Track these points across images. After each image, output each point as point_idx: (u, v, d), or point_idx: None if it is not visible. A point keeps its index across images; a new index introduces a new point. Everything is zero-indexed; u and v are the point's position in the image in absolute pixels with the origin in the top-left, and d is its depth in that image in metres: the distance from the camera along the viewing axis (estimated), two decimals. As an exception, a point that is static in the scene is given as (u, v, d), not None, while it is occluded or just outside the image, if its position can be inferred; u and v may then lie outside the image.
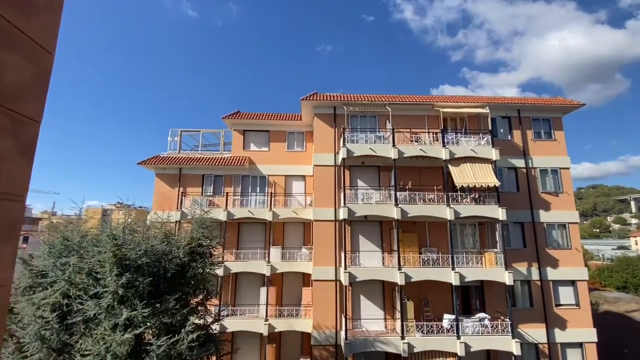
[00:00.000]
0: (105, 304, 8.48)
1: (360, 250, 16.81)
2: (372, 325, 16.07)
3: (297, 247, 19.05)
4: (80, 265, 9.01)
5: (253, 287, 18.55)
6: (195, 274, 10.60)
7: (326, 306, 16.32)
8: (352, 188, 17.23)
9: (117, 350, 7.94)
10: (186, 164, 19.95)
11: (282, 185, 20.02)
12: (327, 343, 15.98)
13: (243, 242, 19.37)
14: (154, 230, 10.97)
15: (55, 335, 8.22)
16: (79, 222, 11.04)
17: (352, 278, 15.14)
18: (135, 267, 9.15)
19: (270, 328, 16.83)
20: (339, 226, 16.90)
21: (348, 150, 16.21)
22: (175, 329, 9.10)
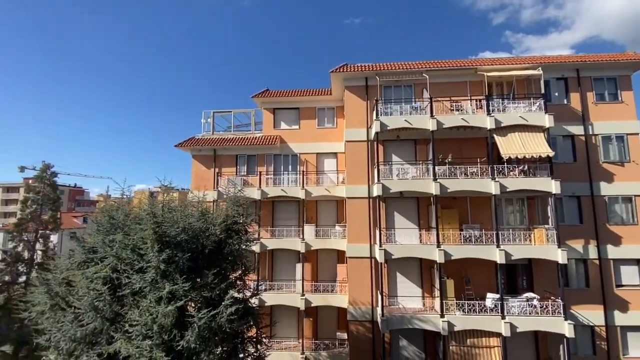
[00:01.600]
0: (149, 278, 8.88)
1: (395, 227, 16.28)
2: (409, 303, 15.74)
3: (331, 224, 18.92)
4: (125, 242, 9.48)
5: (289, 264, 18.89)
6: (232, 250, 10.80)
7: (361, 283, 16.20)
8: (387, 163, 16.49)
9: (162, 322, 8.34)
10: (220, 144, 20.26)
11: (314, 163, 19.73)
12: (364, 319, 15.98)
13: (277, 220, 19.61)
14: (191, 208, 11.24)
15: (108, 306, 8.81)
16: (122, 202, 11.59)
17: (388, 255, 14.75)
18: (175, 244, 9.45)
19: (307, 303, 17.15)
20: (373, 203, 16.41)
21: (381, 123, 15.39)
22: (215, 302, 9.39)
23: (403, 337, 15.94)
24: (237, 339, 11.00)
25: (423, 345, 15.87)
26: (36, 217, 28.70)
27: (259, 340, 11.62)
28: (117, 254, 9.31)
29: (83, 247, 10.13)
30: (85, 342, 8.68)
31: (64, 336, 8.69)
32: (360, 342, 15.84)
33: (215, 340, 9.38)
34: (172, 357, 8.28)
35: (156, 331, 8.29)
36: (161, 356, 8.03)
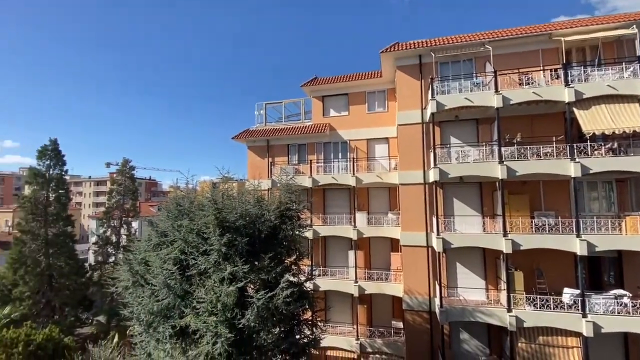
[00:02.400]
0: (213, 260, 9.51)
1: (454, 215, 15.25)
2: (471, 295, 14.76)
3: (383, 212, 18.44)
4: (191, 227, 10.25)
5: (341, 251, 18.95)
6: (286, 235, 11.09)
7: (417, 272, 15.59)
8: (444, 146, 15.41)
9: (225, 300, 8.91)
10: (272, 135, 20.84)
11: (364, 149, 19.28)
12: (420, 309, 15.42)
13: (329, 207, 19.70)
14: (247, 196, 11.75)
15: (178, 284, 9.66)
16: (187, 190, 12.55)
17: (446, 244, 13.91)
18: (234, 229, 9.97)
19: (360, 290, 17.08)
20: (429, 189, 15.53)
21: (438, 103, 14.33)
22: (271, 284, 9.75)
23: (464, 330, 15.09)
24: (294, 321, 11.36)
25: (487, 340, 14.87)
26: (120, 206, 32.81)
27: (314, 323, 11.86)
28: (185, 237, 10.11)
29: (156, 231, 11.20)
30: (161, 316, 9.66)
31: (144, 309, 9.78)
32: (417, 332, 15.36)
33: (273, 320, 9.78)
34: (235, 334, 8.82)
35: (220, 309, 8.88)
36: (225, 332, 8.60)
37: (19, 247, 24.60)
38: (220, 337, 8.56)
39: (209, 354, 8.58)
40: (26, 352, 13.12)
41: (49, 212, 25.95)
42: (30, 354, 13.20)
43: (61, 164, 27.12)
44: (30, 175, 26.34)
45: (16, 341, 13.30)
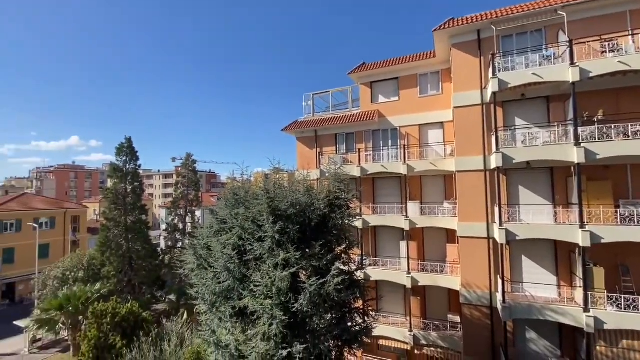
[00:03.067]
0: (267, 246, 9.95)
1: (520, 204, 13.93)
2: (540, 291, 13.47)
3: (438, 201, 17.53)
4: (246, 215, 10.81)
5: (392, 241, 18.53)
6: (336, 224, 11.14)
7: (476, 265, 14.62)
8: (508, 129, 14.05)
9: (279, 285, 9.29)
10: (320, 125, 20.91)
11: (416, 136, 18.40)
12: (480, 304, 14.51)
13: (379, 197, 19.31)
14: (297, 185, 12.02)
15: (237, 268, 10.31)
16: (243, 181, 13.24)
17: (510, 236, 12.79)
18: (286, 217, 10.29)
19: (414, 281, 16.59)
20: (491, 176, 14.35)
21: (500, 81, 13.04)
22: (322, 272, 9.92)
23: (531, 328, 13.88)
24: (345, 309, 11.47)
25: (558, 341, 13.51)
26: (185, 196, 35.89)
27: (365, 312, 11.87)
28: (241, 224, 10.70)
29: (216, 218, 12.04)
30: (222, 297, 10.43)
31: (207, 290, 10.64)
32: (476, 327, 14.52)
33: (325, 307, 9.97)
34: (289, 317, 9.18)
35: (275, 293, 9.29)
36: (280, 315, 8.99)
37: (105, 233, 28.37)
38: (276, 319, 8.97)
39: (266, 334, 9.06)
40: (113, 323, 15.20)
41: (127, 202, 29.38)
42: (116, 324, 15.25)
43: (135, 159, 30.41)
44: (110, 170, 30.02)
45: (105, 313, 15.46)
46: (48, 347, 26.39)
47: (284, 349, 8.99)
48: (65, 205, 47.21)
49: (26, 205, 41.07)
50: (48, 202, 45.98)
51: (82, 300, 22.90)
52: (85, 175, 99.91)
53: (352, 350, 11.47)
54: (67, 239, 43.38)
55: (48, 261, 36.09)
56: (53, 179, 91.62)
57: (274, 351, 8.94)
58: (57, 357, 24.70)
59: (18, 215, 39.04)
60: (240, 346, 9.52)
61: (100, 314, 15.47)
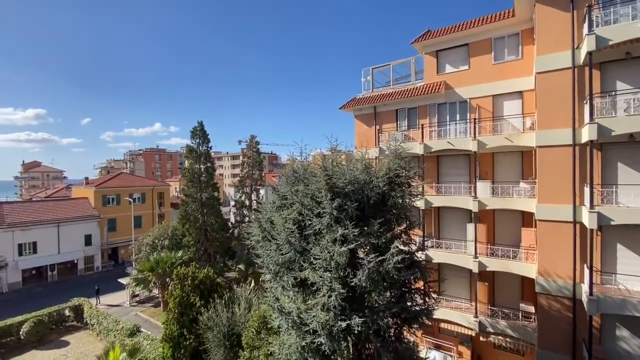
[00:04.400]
0: (326, 222, 10.13)
1: (618, 183, 11.85)
2: (638, 285, 11.53)
3: (514, 180, 15.83)
4: (306, 191, 11.09)
5: (458, 223, 17.45)
6: (395, 202, 10.79)
7: (558, 252, 13.02)
8: (606, 95, 11.83)
9: (338, 259, 9.46)
10: (379, 101, 20.13)
11: (489, 108, 16.60)
12: (560, 294, 13.00)
13: (443, 176, 18.15)
14: (355, 163, 11.87)
15: (297, 241, 10.76)
16: (302, 159, 13.55)
17: (604, 220, 11.03)
18: (344, 194, 10.29)
19: (481, 266, 15.51)
20: (581, 152, 12.39)
21: (599, 38, 10.90)
22: (381, 249, 9.80)
23: (623, 326, 12.10)
24: (405, 288, 11.27)
25: (662, 344, 11.54)
26: (250, 176, 38.33)
27: (426, 293, 11.51)
28: (301, 200, 11.03)
29: (278, 195, 12.61)
30: (285, 267, 11.03)
31: (271, 260, 11.34)
32: (554, 319, 13.13)
33: (384, 284, 9.91)
34: (347, 291, 9.35)
35: (334, 267, 9.50)
36: (338, 287, 9.20)
37: (184, 207, 31.98)
38: (334, 292, 9.21)
39: (325, 305, 9.39)
40: (193, 285, 17.26)
41: (202, 180, 32.50)
42: (195, 286, 17.30)
43: (207, 142, 33.22)
44: (187, 151, 33.32)
45: (186, 276, 17.61)
46: (144, 302, 31.37)
47: (342, 320, 9.24)
48: (153, 183, 54.17)
49: (123, 183, 48.21)
50: (139, 180, 53.29)
51: (168, 264, 26.47)
52: (167, 157, 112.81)
53: (412, 330, 11.31)
54: (155, 212, 50.06)
55: (141, 230, 42.27)
56: (142, 160, 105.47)
57: (334, 321, 9.25)
58: (150, 310, 29.24)
59: (117, 192, 46.11)
60: (301, 314, 10.05)
61: (182, 277, 17.68)
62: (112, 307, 30.11)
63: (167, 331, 16.77)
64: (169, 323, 16.90)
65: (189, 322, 16.44)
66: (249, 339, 14.04)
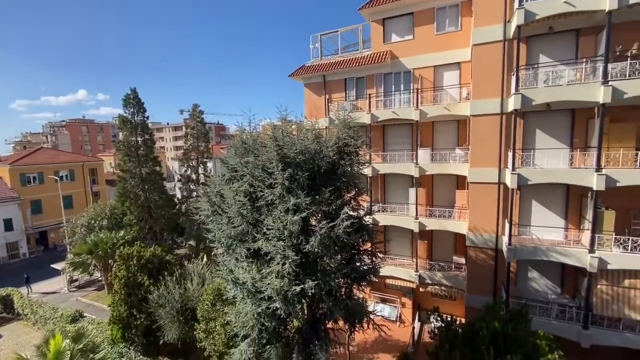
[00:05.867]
0: (278, 193, 10.15)
1: (536, 147, 13.54)
2: (546, 234, 13.70)
3: (450, 147, 17.18)
4: (256, 163, 10.89)
5: (401, 188, 18.67)
6: (345, 171, 11.15)
7: (485, 210, 14.76)
8: (530, 67, 13.10)
9: (291, 228, 9.67)
10: (328, 69, 19.90)
11: (431, 78, 17.40)
12: (485, 246, 14.95)
13: (389, 144, 19.00)
14: (305, 133, 11.84)
15: (250, 213, 10.69)
16: (250, 129, 13.08)
17: (522, 181, 12.66)
18: (295, 164, 10.32)
19: (421, 226, 17.03)
20: (507, 120, 13.77)
21: (527, 12, 11.83)
22: (332, 216, 10.21)
23: (533, 268, 14.42)
24: (354, 250, 12.01)
25: (559, 280, 14.08)
26: (195, 148, 36.19)
27: (373, 253, 12.41)
28: (252, 172, 10.83)
29: (227, 167, 12.19)
30: (237, 240, 10.99)
31: (223, 234, 11.19)
32: (479, 267, 15.16)
33: (335, 248, 10.46)
34: (301, 257, 9.70)
35: (287, 235, 9.71)
36: (292, 255, 9.49)
37: (122, 184, 29.44)
38: (288, 259, 9.50)
39: (280, 272, 9.67)
40: (139, 264, 16.45)
41: (140, 154, 29.90)
42: (142, 265, 16.52)
43: (142, 111, 30.21)
44: (120, 122, 30.08)
45: (131, 256, 16.66)
46: (85, 287, 29.22)
47: (297, 285, 9.65)
48: (82, 158, 48.49)
49: (45, 159, 42.41)
50: (66, 156, 47.28)
51: (109, 245, 24.66)
52: (97, 129, 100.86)
53: (361, 287, 12.25)
54: (87, 191, 45.37)
55: (73, 211, 38.27)
56: (67, 133, 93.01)
57: (288, 287, 9.62)
58: (93, 294, 27.43)
59: (39, 169, 40.55)
60: (256, 283, 10.25)
61: (126, 257, 16.69)
62: (47, 294, 27.60)
63: (115, 313, 16.01)
64: (115, 305, 16.11)
65: (138, 301, 15.83)
66: (204, 312, 14.05)
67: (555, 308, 13.09)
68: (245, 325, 10.70)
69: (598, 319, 12.15)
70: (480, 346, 10.02)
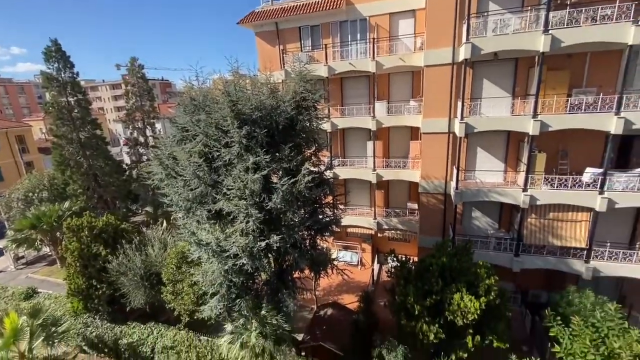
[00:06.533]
0: (235, 152, 9.85)
1: (482, 97, 14.28)
2: (488, 178, 15.09)
3: (405, 99, 17.52)
4: (209, 121, 10.30)
5: (360, 142, 19.02)
6: (304, 126, 11.02)
7: (436, 158, 15.72)
8: (480, 15, 13.26)
9: (252, 187, 9.60)
10: (280, 16, 18.50)
11: (386, 27, 17.00)
12: (436, 192, 16.19)
13: (347, 98, 18.87)
14: (260, 87, 11.27)
15: (207, 175, 10.35)
16: (201, 86, 12.11)
17: (469, 129, 13.49)
18: (252, 121, 9.95)
19: (378, 177, 17.82)
20: (457, 70, 14.18)
21: (478, -44, 11.64)
22: (293, 172, 10.25)
23: (477, 209, 16.04)
24: (316, 204, 12.38)
25: (497, 217, 15.88)
26: (139, 108, 33.03)
27: (334, 206, 12.91)
28: (205, 131, 10.28)
29: (177, 127, 11.40)
30: (197, 202, 10.72)
31: (180, 197, 10.82)
32: (430, 211, 16.53)
33: (298, 204, 10.68)
34: (264, 214, 9.80)
35: (248, 194, 9.65)
36: (255, 213, 9.56)
37: (58, 151, 26.47)
38: (252, 217, 9.57)
39: (244, 230, 9.77)
40: (92, 235, 15.58)
41: (75, 116, 26.69)
42: (95, 235, 15.68)
43: (70, 66, 26.36)
44: (44, 80, 26.11)
45: (81, 227, 15.66)
46: (34, 263, 27.32)
47: (261, 241, 9.87)
48: (4, 124, 42.29)
49: (-45, 126, 36.38)
50: (-20, 122, 40.88)
51: (54, 218, 22.83)
52: (17, 90, 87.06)
53: (324, 238, 12.87)
54: (18, 161, 40.45)
55: (4, 184, 34.32)
56: (-23, 95, 79.31)
57: (253, 243, 9.82)
58: (45, 269, 25.85)
59: (-51, 138, 34.89)
60: (220, 243, 10.30)
61: (76, 228, 15.66)
62: (-11, 275, 25.48)
63: (72, 285, 15.39)
64: (72, 277, 15.43)
65: (97, 272, 15.29)
66: (170, 275, 14.03)
67: (493, 241, 14.95)
68: (213, 283, 10.93)
69: (527, 247, 14.16)
70: (430, 279, 11.32)
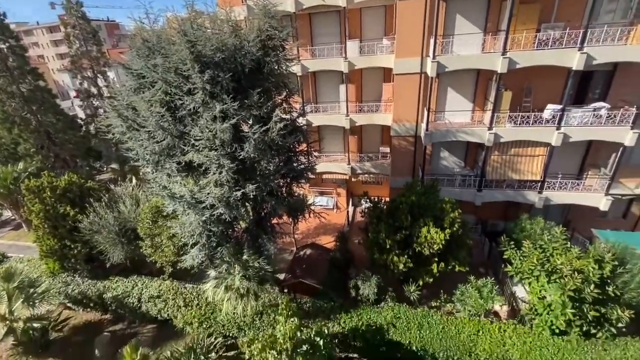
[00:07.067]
0: (199, 99, 9.26)
1: (455, 34, 13.92)
2: (457, 118, 15.46)
3: (377, 38, 16.74)
4: (167, 65, 9.42)
5: (332, 86, 18.42)
6: (272, 69, 10.38)
7: (408, 101, 15.70)
8: (455, -60, 12.33)
9: (222, 137, 9.26)
10: (238, -61, 16.22)
11: (357, -47, 15.46)
12: (407, 134, 16.49)
13: (317, 37, 17.73)
14: (221, 25, 10.25)
15: (172, 125, 9.77)
16: (152, 25, 10.80)
17: (441, 68, 13.37)
18: (214, 64, 9.21)
19: (352, 122, 17.71)
20: (431, 4, 13.52)
21: None
22: (265, 120, 9.91)
23: (445, 149, 16.66)
24: (290, 152, 12.28)
25: (464, 156, 16.66)
26: (85, 53, 29.43)
27: (309, 153, 12.90)
28: (163, 77, 9.46)
29: (131, 73, 10.38)
30: (164, 155, 10.26)
31: (146, 151, 10.29)
32: (401, 154, 17.01)
33: (272, 152, 10.53)
34: (237, 164, 9.65)
35: (219, 144, 9.34)
36: (227, 163, 9.38)
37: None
38: (224, 168, 9.41)
39: (217, 181, 9.66)
40: (55, 195, 14.81)
41: (10, 66, 23.49)
42: (60, 195, 14.93)
43: (-9, 4, 22.38)
44: (-39, 21, 22.21)
45: (41, 188, 14.77)
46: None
47: (237, 190, 9.85)
48: None
49: None
50: None
51: (10, 181, 21.32)
52: None
53: (299, 185, 13.06)
54: (-49, 120, 35.95)
55: (-59, 147, 30.78)
56: None
57: (229, 193, 9.80)
58: (11, 234, 24.83)
59: None
60: (195, 195, 10.19)
61: (37, 189, 14.78)
62: (-52, 244, 24.14)
63: (44, 247, 15.01)
64: (42, 239, 14.97)
65: (68, 232, 14.89)
66: (146, 230, 13.97)
67: (458, 179, 15.87)
68: (192, 234, 11.03)
69: (489, 183, 15.21)
70: (400, 216, 12.07)
